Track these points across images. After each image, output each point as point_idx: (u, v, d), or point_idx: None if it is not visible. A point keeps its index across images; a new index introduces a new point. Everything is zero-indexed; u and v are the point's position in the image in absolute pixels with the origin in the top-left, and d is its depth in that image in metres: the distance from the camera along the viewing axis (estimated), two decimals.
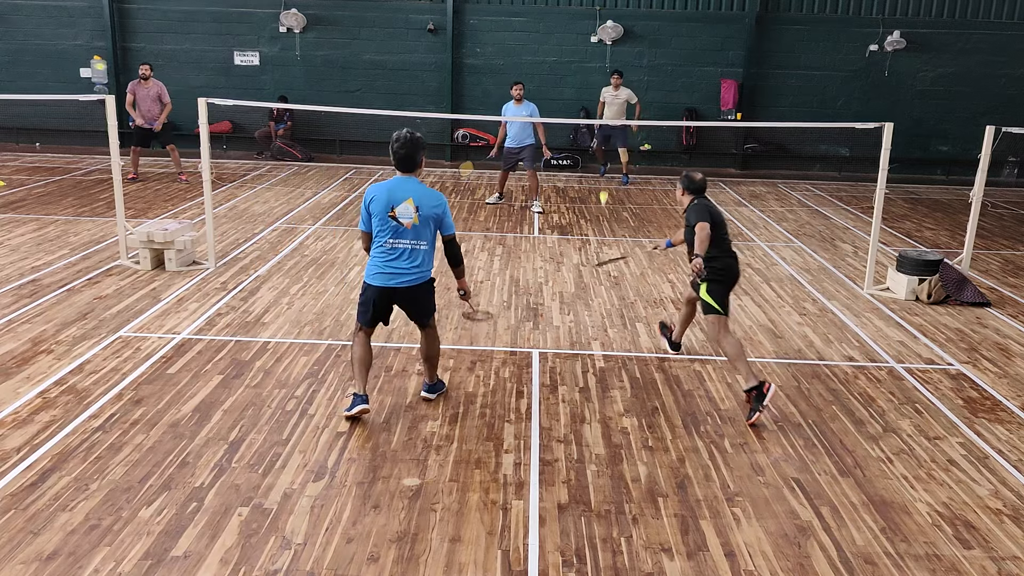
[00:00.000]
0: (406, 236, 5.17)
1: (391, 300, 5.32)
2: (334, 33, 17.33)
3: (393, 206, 5.12)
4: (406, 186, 5.17)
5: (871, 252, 8.76)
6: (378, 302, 5.31)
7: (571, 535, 4.21)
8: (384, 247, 5.20)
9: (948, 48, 17.16)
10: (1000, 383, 6.43)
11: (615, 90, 15.24)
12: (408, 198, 5.12)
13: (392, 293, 5.27)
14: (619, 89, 15.23)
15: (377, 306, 5.32)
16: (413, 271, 5.24)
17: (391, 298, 5.30)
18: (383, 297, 5.29)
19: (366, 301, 5.34)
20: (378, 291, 5.26)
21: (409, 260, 5.21)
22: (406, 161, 5.19)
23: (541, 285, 8.63)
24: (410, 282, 5.25)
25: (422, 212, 5.16)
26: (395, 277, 5.22)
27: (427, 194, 5.21)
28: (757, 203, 14.19)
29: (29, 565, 3.82)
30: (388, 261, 5.20)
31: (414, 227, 5.16)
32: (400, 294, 5.28)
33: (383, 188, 5.18)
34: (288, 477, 4.65)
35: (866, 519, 4.45)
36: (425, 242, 5.24)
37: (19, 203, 11.89)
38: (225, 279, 8.41)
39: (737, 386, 6.14)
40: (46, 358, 6.23)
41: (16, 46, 17.41)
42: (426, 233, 5.22)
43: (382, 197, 5.15)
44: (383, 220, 5.15)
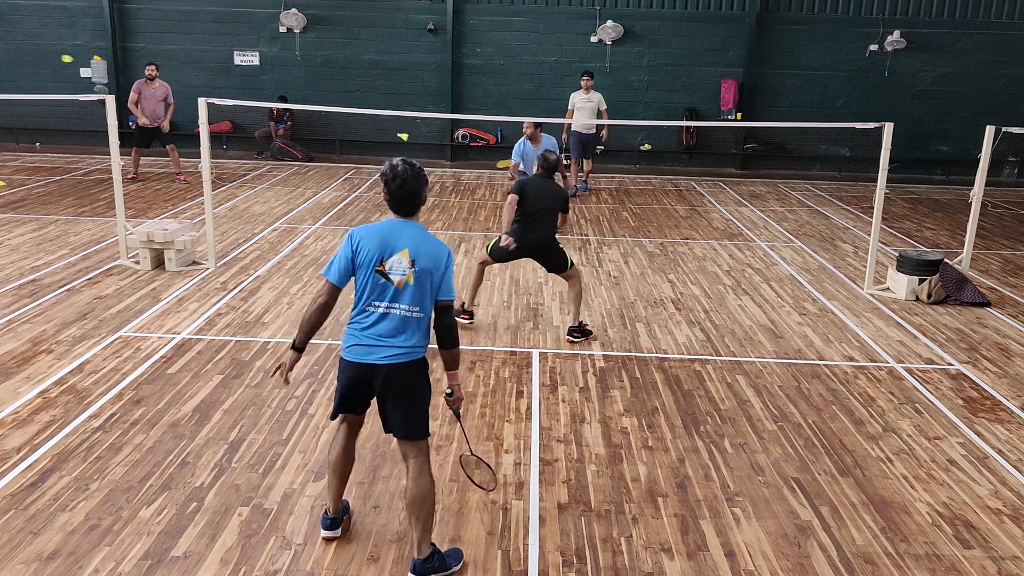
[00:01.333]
0: (397, 299, 3.81)
1: (370, 383, 3.88)
2: (334, 33, 17.32)
3: (383, 258, 3.79)
4: (403, 232, 3.84)
5: (871, 252, 8.76)
6: (352, 383, 3.92)
7: (571, 535, 4.21)
8: (365, 312, 3.86)
9: (948, 48, 17.16)
10: (1000, 383, 6.43)
11: (586, 93, 13.92)
12: (404, 248, 3.80)
13: (371, 373, 3.84)
14: (590, 92, 13.93)
15: (350, 388, 3.94)
16: (402, 344, 3.82)
17: (370, 380, 3.87)
18: (360, 379, 3.89)
19: (340, 386, 3.99)
20: (352, 368, 3.88)
21: (396, 330, 3.82)
22: (406, 201, 3.87)
23: (541, 285, 8.63)
24: (396, 357, 3.81)
25: (419, 266, 3.79)
26: (375, 350, 3.82)
27: (427, 243, 3.85)
28: (757, 203, 14.19)
29: (29, 565, 3.82)
30: (368, 328, 3.85)
31: (407, 287, 3.80)
32: (380, 375, 3.82)
33: (374, 233, 3.85)
34: (288, 477, 4.65)
35: (866, 519, 4.45)
36: (419, 309, 3.83)
37: (19, 203, 11.89)
38: (225, 279, 8.41)
39: (738, 386, 6.15)
40: (46, 358, 6.23)
41: (16, 46, 17.41)
42: (423, 297, 3.83)
43: (371, 246, 3.81)
44: (368, 275, 3.82)
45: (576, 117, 13.92)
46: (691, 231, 11.67)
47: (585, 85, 13.92)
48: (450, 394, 4.02)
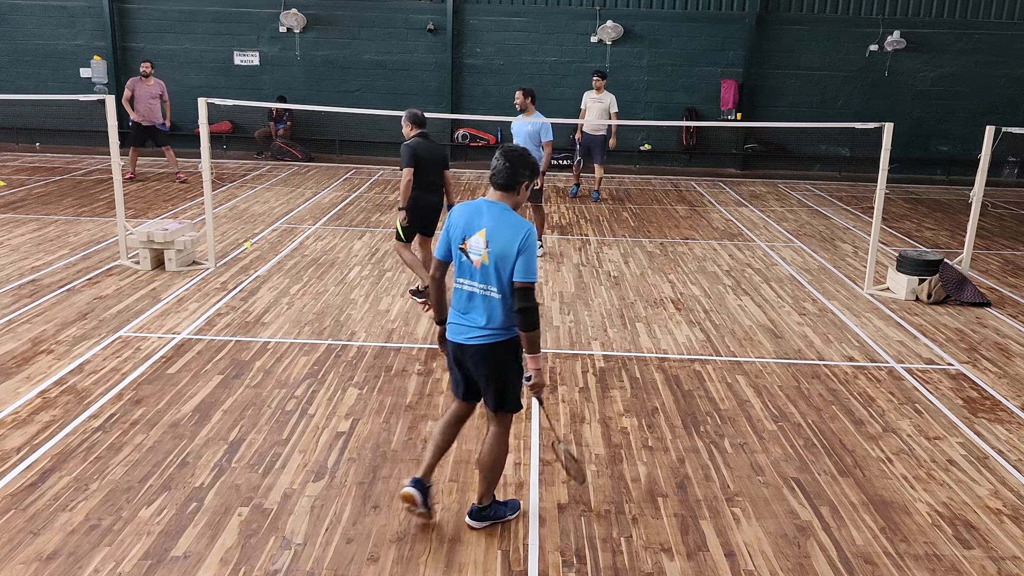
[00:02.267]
0: (476, 278, 3.93)
1: (463, 363, 4.09)
2: (334, 33, 17.33)
3: (466, 236, 3.93)
4: (487, 212, 3.92)
5: (871, 252, 8.76)
6: (451, 360, 4.15)
7: (571, 535, 4.21)
8: (456, 289, 4.02)
9: (948, 48, 17.17)
10: (1000, 383, 6.43)
11: (598, 93, 13.52)
12: (482, 228, 3.89)
13: (461, 351, 4.04)
14: (602, 92, 13.53)
15: (451, 365, 4.17)
16: (484, 326, 3.94)
17: (463, 360, 4.07)
18: (454, 355, 4.10)
19: (448, 362, 4.23)
20: (451, 347, 4.08)
21: (479, 312, 3.94)
22: (509, 178, 3.93)
23: (541, 285, 8.64)
24: (479, 339, 3.95)
25: (493, 248, 3.85)
26: (463, 331, 3.99)
27: (504, 223, 3.88)
28: (757, 203, 14.19)
29: (29, 565, 3.82)
30: (459, 310, 4.02)
31: (484, 267, 3.88)
32: (467, 354, 4.02)
33: (464, 211, 4.00)
34: (288, 477, 4.65)
35: (866, 519, 4.45)
36: (497, 290, 3.89)
37: (19, 203, 11.89)
38: (225, 279, 8.41)
39: (738, 386, 6.16)
40: (46, 358, 6.23)
41: (16, 46, 17.42)
42: (499, 278, 3.87)
43: (459, 223, 3.97)
44: (456, 253, 3.99)
45: (587, 117, 13.49)
46: (691, 231, 11.67)
47: (596, 85, 13.49)
48: (528, 378, 3.99)
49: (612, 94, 13.65)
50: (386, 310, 7.64)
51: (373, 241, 10.32)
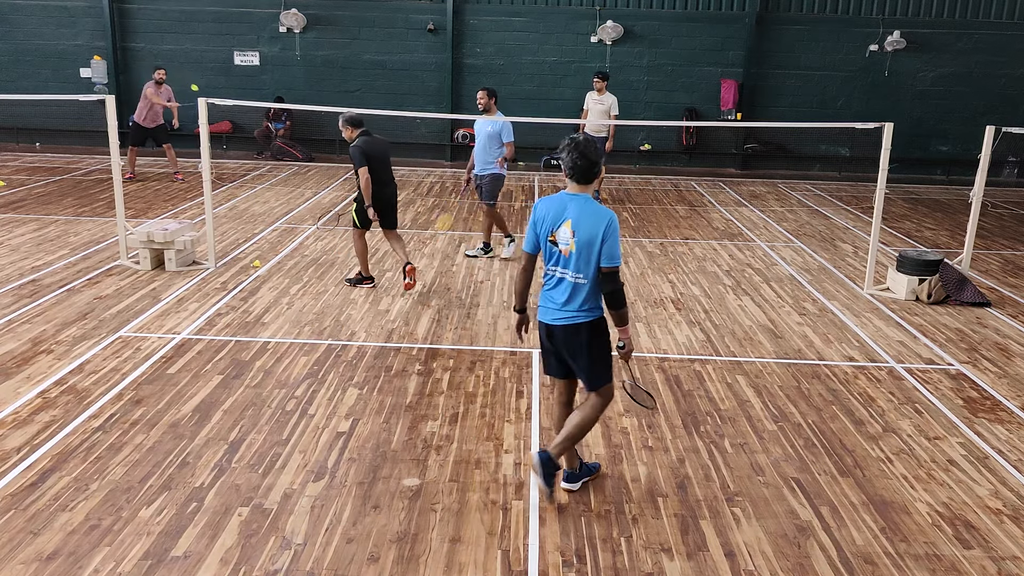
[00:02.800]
0: (565, 265, 4.28)
1: (555, 342, 4.44)
2: (334, 33, 17.33)
3: (553, 229, 4.29)
4: (571, 204, 4.27)
5: (871, 252, 8.76)
6: (543, 340, 4.49)
7: (571, 535, 4.21)
8: (547, 276, 4.39)
9: (948, 48, 17.17)
10: (1000, 383, 6.43)
11: (599, 95, 13.25)
12: (568, 220, 4.24)
13: (551, 332, 4.40)
14: (603, 94, 13.25)
15: (548, 348, 4.50)
16: (572, 309, 4.30)
17: (554, 340, 4.43)
18: (547, 336, 4.45)
19: (542, 343, 4.55)
20: (542, 328, 4.45)
21: (567, 295, 4.30)
22: (586, 171, 4.30)
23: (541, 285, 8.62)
24: (569, 320, 4.30)
25: (580, 236, 4.19)
26: (552, 312, 4.36)
27: (589, 213, 4.22)
28: (757, 203, 14.19)
29: (29, 565, 3.82)
30: (548, 292, 4.39)
31: (571, 255, 4.23)
32: (558, 335, 4.37)
33: (549, 205, 4.35)
34: (288, 477, 4.65)
35: (866, 519, 4.45)
36: (584, 276, 4.24)
37: (19, 203, 11.89)
38: (225, 279, 8.41)
39: (738, 386, 6.16)
40: (46, 358, 6.23)
41: (16, 46, 17.41)
42: (587, 264, 4.22)
43: (548, 216, 4.32)
44: (544, 243, 4.35)
45: (588, 118, 13.19)
46: (691, 231, 11.67)
47: (597, 87, 13.21)
48: (622, 346, 4.45)
49: (614, 96, 13.44)
50: (386, 310, 7.64)
51: (373, 241, 10.32)
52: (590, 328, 4.32)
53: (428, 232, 10.96)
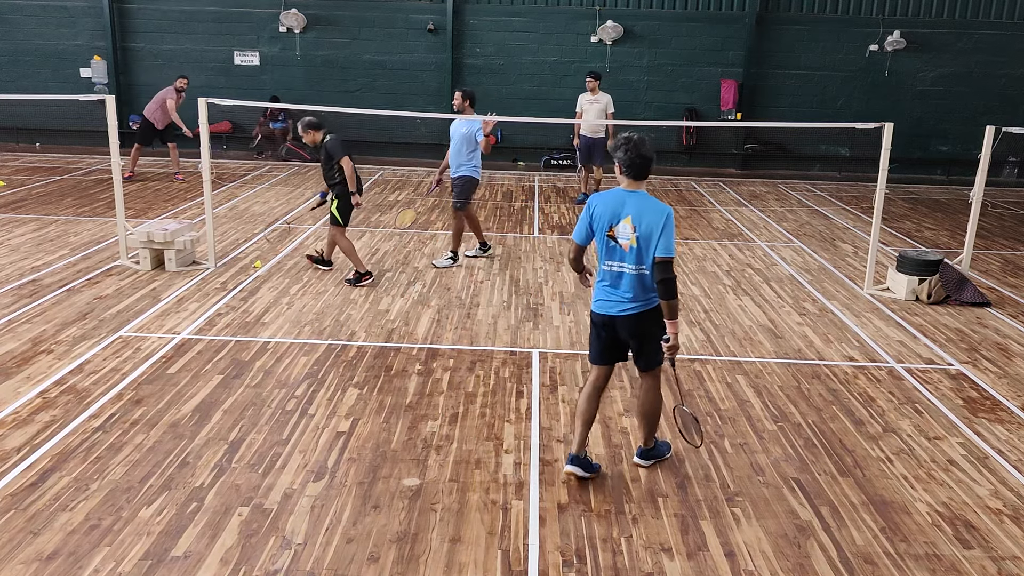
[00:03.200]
0: (624, 259, 4.52)
1: (613, 329, 4.68)
2: (334, 33, 17.33)
3: (612, 224, 4.51)
4: (628, 200, 4.52)
5: (871, 252, 8.76)
6: (603, 333, 4.72)
7: (571, 535, 4.21)
8: (603, 270, 4.62)
9: (948, 48, 17.16)
10: (1000, 383, 6.43)
11: (593, 95, 13.15)
12: (628, 215, 4.48)
13: (612, 322, 4.65)
14: (597, 93, 13.14)
15: (603, 338, 4.73)
16: (633, 299, 4.55)
17: (614, 330, 4.68)
18: (604, 327, 4.70)
19: (591, 333, 4.81)
20: (598, 318, 4.70)
21: (627, 287, 4.55)
22: (642, 168, 4.54)
23: (541, 285, 8.63)
24: (630, 310, 4.57)
25: (641, 231, 4.45)
26: (615, 305, 4.60)
27: (648, 208, 4.49)
28: (757, 203, 14.19)
29: (29, 565, 3.82)
30: (607, 287, 4.62)
31: (632, 249, 4.48)
32: (621, 324, 4.62)
33: (607, 201, 4.57)
34: (288, 477, 4.65)
35: (866, 519, 4.45)
36: (644, 267, 4.50)
37: (19, 203, 11.89)
38: (225, 279, 8.41)
39: (738, 386, 6.16)
40: (46, 358, 6.23)
41: (16, 46, 17.41)
42: (646, 256, 4.48)
43: (605, 213, 4.54)
44: (602, 239, 4.57)
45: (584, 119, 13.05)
46: (691, 231, 11.67)
47: (589, 87, 13.18)
48: (667, 340, 4.58)
49: (608, 94, 13.37)
50: (386, 310, 7.64)
51: (373, 241, 10.32)
52: (654, 312, 4.59)
53: (428, 232, 10.96)
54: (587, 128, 13.18)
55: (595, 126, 13.02)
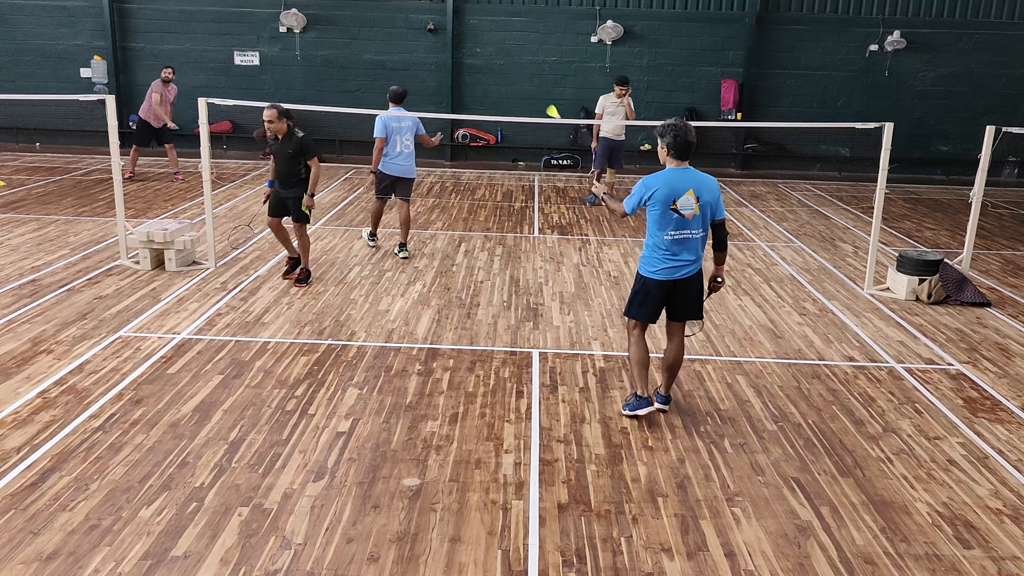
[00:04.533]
0: (688, 227, 5.24)
1: (671, 293, 5.39)
2: (334, 33, 17.33)
3: (674, 199, 5.18)
4: (684, 176, 5.23)
5: (871, 252, 8.76)
6: (659, 296, 5.39)
7: (571, 535, 4.21)
8: (666, 240, 5.26)
9: (948, 48, 17.17)
10: (1000, 383, 6.43)
11: (618, 98, 12.75)
12: (688, 189, 5.19)
13: (673, 286, 5.35)
14: (623, 99, 12.77)
15: (658, 301, 5.41)
16: (694, 261, 5.35)
17: (671, 291, 5.38)
18: (663, 291, 5.37)
19: (646, 297, 5.42)
20: (659, 284, 5.35)
21: (691, 251, 5.30)
22: (687, 148, 5.23)
23: (541, 285, 8.63)
24: (691, 272, 5.35)
25: (703, 200, 5.23)
26: (679, 269, 5.31)
27: (704, 181, 5.27)
28: (757, 203, 14.19)
29: (29, 565, 3.82)
30: (672, 255, 5.29)
31: (695, 217, 5.23)
32: (681, 286, 5.36)
33: (662, 181, 5.22)
34: (288, 477, 4.65)
35: (866, 519, 4.45)
36: (702, 230, 5.32)
37: (19, 203, 11.89)
38: (225, 279, 8.41)
39: (738, 386, 6.16)
40: (46, 358, 6.23)
41: (16, 46, 17.41)
42: (704, 221, 5.30)
43: (663, 191, 5.19)
44: (664, 214, 5.20)
45: (606, 121, 12.56)
46: None
47: (619, 92, 12.64)
48: (720, 281, 5.70)
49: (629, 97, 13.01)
50: (386, 310, 7.64)
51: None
52: (702, 272, 5.43)
53: (428, 232, 10.96)
54: (611, 130, 12.81)
55: (619, 128, 12.78)
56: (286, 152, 8.10)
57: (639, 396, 5.45)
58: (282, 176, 8.17)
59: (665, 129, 5.25)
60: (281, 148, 8.13)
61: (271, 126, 8.04)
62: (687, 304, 5.46)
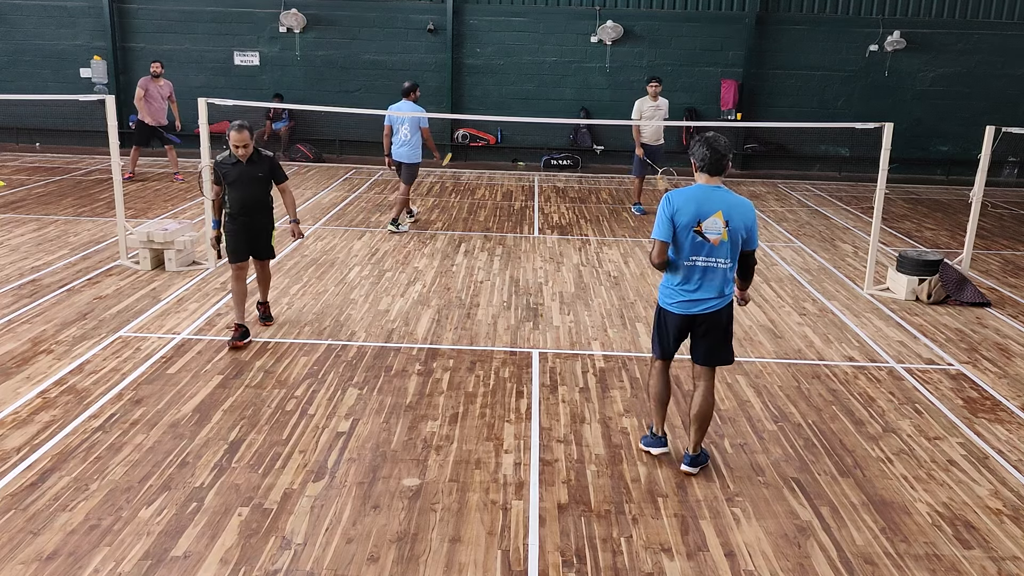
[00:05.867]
0: (714, 254, 4.50)
1: (691, 328, 4.71)
2: (334, 33, 17.33)
3: (700, 220, 4.46)
4: (714, 196, 4.51)
5: (871, 252, 8.76)
6: (678, 332, 4.75)
7: (571, 535, 4.21)
8: (686, 267, 4.57)
9: (948, 48, 17.16)
10: (1000, 383, 6.43)
11: (654, 100, 12.15)
12: (717, 210, 4.46)
13: (693, 321, 4.67)
14: (658, 99, 12.17)
15: (676, 337, 4.78)
16: (717, 294, 4.59)
17: (691, 326, 4.70)
18: (684, 325, 4.71)
19: (663, 331, 4.82)
20: (679, 319, 4.69)
21: (715, 284, 4.56)
22: (718, 164, 4.51)
23: (541, 285, 8.63)
24: (715, 307, 4.60)
25: (732, 225, 4.47)
26: (698, 304, 4.60)
27: (737, 204, 4.51)
28: (757, 203, 14.19)
29: (29, 565, 3.82)
30: (692, 286, 4.59)
31: (722, 243, 4.48)
32: (702, 321, 4.64)
33: (689, 198, 4.51)
34: (288, 477, 4.65)
35: (866, 519, 4.45)
36: (731, 260, 4.54)
37: (19, 203, 11.89)
38: (225, 279, 8.41)
39: (738, 386, 6.16)
40: (46, 358, 6.23)
41: (16, 46, 17.41)
42: (733, 250, 4.53)
43: (689, 209, 4.48)
44: (686, 236, 4.50)
45: (645, 128, 12.11)
46: None
47: (653, 92, 12.09)
48: (744, 302, 4.97)
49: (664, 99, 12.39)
50: (386, 310, 7.64)
51: (373, 241, 10.32)
52: (729, 309, 4.68)
53: (428, 232, 10.96)
54: (650, 136, 12.26)
55: (657, 134, 12.32)
56: (255, 176, 6.56)
57: (653, 433, 5.05)
58: (251, 205, 6.59)
59: (694, 142, 4.60)
60: (248, 172, 6.52)
61: (243, 151, 6.44)
62: (712, 345, 4.71)
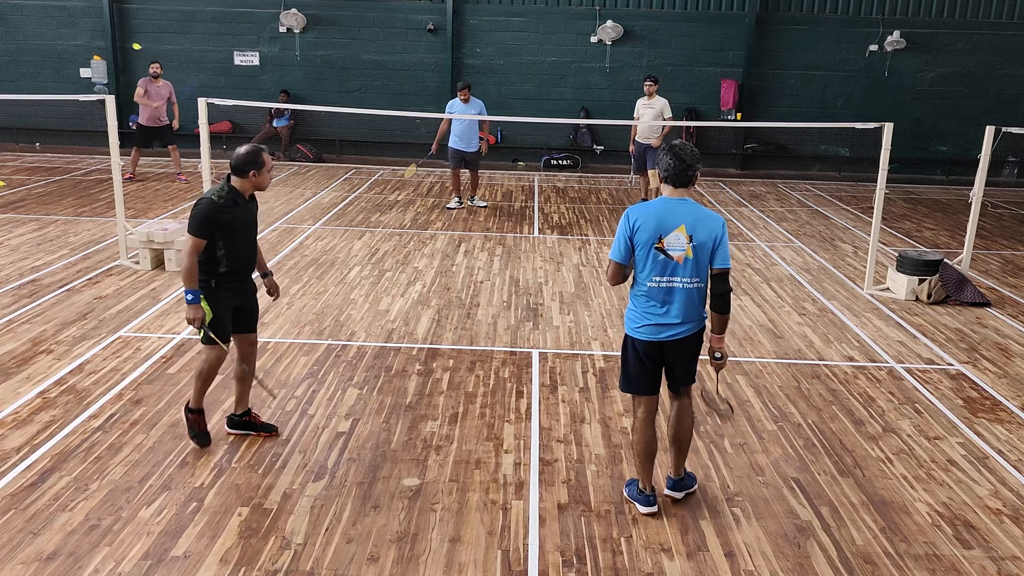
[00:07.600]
0: (677, 273, 4.14)
1: (660, 354, 4.32)
2: (334, 33, 17.33)
3: (661, 236, 4.11)
4: (678, 209, 4.13)
5: (871, 252, 8.76)
6: (649, 361, 4.32)
7: (571, 535, 4.21)
8: (649, 288, 4.19)
9: (948, 48, 17.16)
10: (1000, 383, 6.43)
11: (649, 99, 12.48)
12: (680, 224, 4.09)
13: (661, 349, 4.28)
14: (653, 98, 12.45)
15: (648, 368, 4.34)
16: (686, 319, 4.21)
17: (661, 354, 4.31)
18: (652, 353, 4.30)
19: (634, 363, 4.37)
20: (647, 346, 4.27)
21: (681, 307, 4.18)
22: (682, 175, 4.12)
23: (541, 285, 8.63)
24: (683, 333, 4.23)
25: (697, 240, 4.10)
26: (667, 329, 4.22)
27: (702, 217, 4.13)
28: (757, 203, 14.19)
29: (29, 565, 3.82)
30: (657, 309, 4.21)
31: (687, 261, 4.12)
32: (670, 349, 4.27)
33: (650, 212, 4.15)
34: (288, 477, 4.65)
35: (866, 519, 4.45)
36: (699, 280, 4.17)
37: (19, 203, 11.89)
38: None
39: (738, 386, 6.16)
40: (46, 358, 6.23)
41: (16, 46, 17.41)
42: (702, 268, 4.16)
43: (649, 224, 4.12)
44: (647, 253, 4.14)
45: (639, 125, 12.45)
46: None
47: (648, 90, 12.40)
48: (719, 358, 4.41)
49: (664, 98, 12.58)
50: (386, 310, 7.64)
51: (373, 241, 10.32)
52: (700, 334, 4.32)
53: (428, 232, 10.96)
54: (641, 134, 12.56)
55: (648, 132, 12.49)
56: (252, 218, 4.98)
57: (641, 490, 4.48)
58: (252, 259, 5.01)
59: (659, 152, 4.22)
60: (252, 212, 4.97)
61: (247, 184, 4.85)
62: (683, 368, 4.39)
